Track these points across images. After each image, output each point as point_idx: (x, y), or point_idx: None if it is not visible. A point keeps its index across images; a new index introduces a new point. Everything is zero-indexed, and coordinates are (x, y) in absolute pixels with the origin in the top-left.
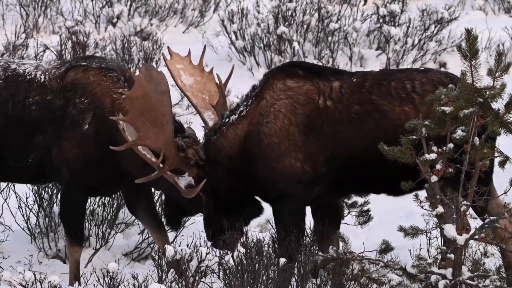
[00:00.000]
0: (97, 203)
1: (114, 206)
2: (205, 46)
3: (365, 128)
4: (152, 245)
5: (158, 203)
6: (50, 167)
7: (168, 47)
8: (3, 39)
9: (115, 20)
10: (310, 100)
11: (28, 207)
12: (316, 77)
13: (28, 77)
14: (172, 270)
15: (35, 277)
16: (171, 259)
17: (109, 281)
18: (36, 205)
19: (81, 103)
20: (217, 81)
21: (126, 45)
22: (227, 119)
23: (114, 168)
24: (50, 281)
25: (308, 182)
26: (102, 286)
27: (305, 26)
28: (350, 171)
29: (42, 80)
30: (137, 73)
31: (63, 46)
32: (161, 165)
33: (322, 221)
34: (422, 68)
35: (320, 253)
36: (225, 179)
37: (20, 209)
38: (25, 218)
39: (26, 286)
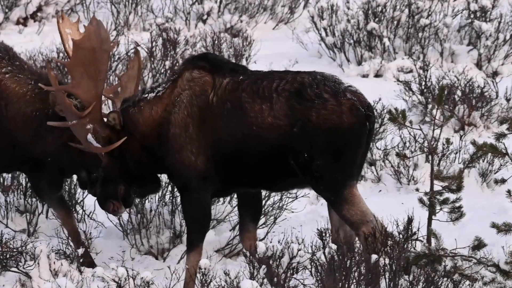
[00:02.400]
0: None
1: None
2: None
3: (230, 125)
4: None
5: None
6: None
7: (62, 10)
8: None
9: (205, 17)
10: (204, 92)
11: None
12: (216, 72)
13: None
14: (263, 266)
15: (127, 273)
16: (262, 255)
17: (201, 277)
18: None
19: None
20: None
21: (216, 42)
22: (146, 95)
23: (6, 142)
24: (142, 277)
25: (203, 176)
26: (194, 282)
27: (395, 22)
28: (228, 167)
29: None
30: (87, 24)
31: (154, 43)
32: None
33: (241, 211)
34: (309, 71)
35: (412, 249)
36: (136, 151)
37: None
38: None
39: (119, 282)
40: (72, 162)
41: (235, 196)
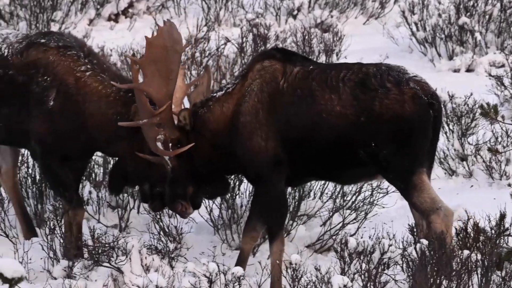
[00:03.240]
0: None
1: (296, 197)
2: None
3: (300, 111)
4: (334, 237)
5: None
6: (19, 137)
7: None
8: (185, 32)
9: (295, 12)
10: (274, 79)
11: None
12: (287, 61)
13: None
14: (354, 261)
15: (218, 269)
16: (353, 251)
17: (292, 272)
18: (219, 197)
19: (44, 81)
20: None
21: (306, 37)
22: (215, 94)
23: (83, 140)
24: (233, 273)
25: (274, 162)
26: (285, 277)
27: (487, 16)
28: (297, 155)
29: (5, 54)
30: (161, 24)
31: (244, 39)
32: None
33: (253, 209)
34: (376, 62)
35: (504, 245)
36: (205, 151)
37: (204, 201)
38: (208, 210)
39: (210, 277)
40: (138, 172)
41: (326, 190)
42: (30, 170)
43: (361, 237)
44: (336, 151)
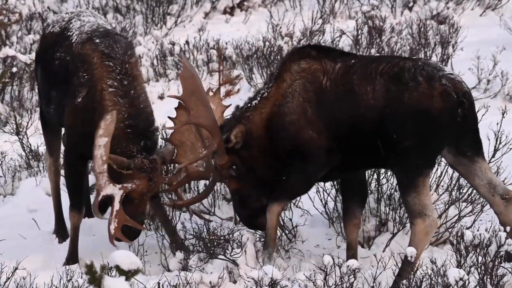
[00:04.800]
0: (394, 187)
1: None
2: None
3: (343, 107)
4: (450, 230)
5: None
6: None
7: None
8: (300, 24)
9: (411, 4)
10: (316, 78)
11: (326, 192)
12: (325, 57)
13: (69, 33)
14: (471, 254)
15: (333, 261)
16: (469, 243)
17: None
18: (334, 189)
19: (82, 77)
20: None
21: (422, 29)
22: (249, 105)
23: (90, 144)
24: (348, 265)
25: (327, 151)
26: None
27: None
28: (344, 149)
29: (73, 41)
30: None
31: (359, 31)
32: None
33: (348, 197)
34: (416, 57)
35: None
36: (261, 159)
37: (318, 194)
38: (323, 202)
39: (325, 270)
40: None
41: (441, 183)
42: None
43: (477, 230)
44: (368, 144)
